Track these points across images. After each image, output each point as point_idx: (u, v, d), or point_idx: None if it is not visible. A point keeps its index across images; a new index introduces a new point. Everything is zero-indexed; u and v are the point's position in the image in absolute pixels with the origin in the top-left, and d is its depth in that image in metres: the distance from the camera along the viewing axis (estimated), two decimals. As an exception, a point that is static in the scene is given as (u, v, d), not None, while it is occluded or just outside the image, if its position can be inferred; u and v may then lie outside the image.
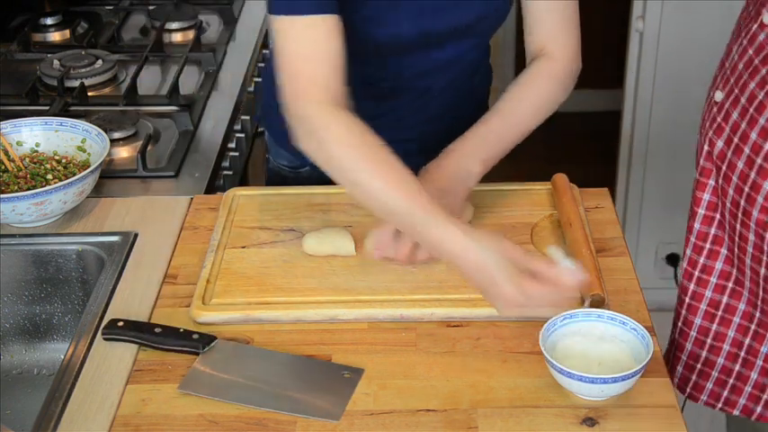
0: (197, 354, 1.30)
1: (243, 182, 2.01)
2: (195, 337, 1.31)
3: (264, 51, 2.37)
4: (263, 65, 2.23)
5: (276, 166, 1.78)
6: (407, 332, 1.34)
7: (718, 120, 1.34)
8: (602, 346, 1.26)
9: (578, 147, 3.72)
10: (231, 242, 1.50)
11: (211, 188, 1.75)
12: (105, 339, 1.34)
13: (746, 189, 1.30)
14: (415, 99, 1.63)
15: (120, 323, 1.34)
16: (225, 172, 1.92)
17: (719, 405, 1.46)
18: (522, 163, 1.71)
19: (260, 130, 2.20)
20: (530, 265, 1.22)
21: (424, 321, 1.36)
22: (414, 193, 1.29)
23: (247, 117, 2.09)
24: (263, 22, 2.34)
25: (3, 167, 1.63)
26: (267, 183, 1.83)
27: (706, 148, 1.37)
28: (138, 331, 1.33)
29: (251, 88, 2.17)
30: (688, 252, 1.43)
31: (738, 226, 1.33)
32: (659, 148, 2.83)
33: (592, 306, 1.33)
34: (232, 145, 1.98)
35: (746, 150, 1.29)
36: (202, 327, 1.35)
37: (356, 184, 1.33)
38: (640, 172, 2.89)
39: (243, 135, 2.04)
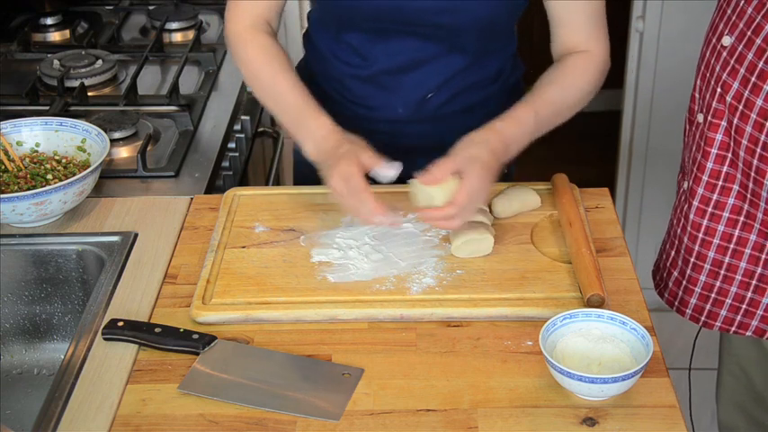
0: (197, 354, 1.30)
1: (243, 182, 2.01)
2: (195, 337, 1.31)
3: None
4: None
5: (297, 148, 1.80)
6: (407, 332, 1.34)
7: (732, 62, 1.41)
8: (602, 346, 1.26)
9: (578, 147, 3.71)
10: (231, 242, 1.50)
11: (211, 188, 1.75)
12: (105, 339, 1.34)
13: (767, 124, 1.37)
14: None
15: (120, 323, 1.34)
16: (225, 172, 1.92)
17: (733, 329, 1.54)
18: (522, 163, 1.71)
19: (260, 129, 2.20)
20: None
21: (424, 321, 1.36)
22: (301, 91, 1.55)
23: (247, 117, 2.09)
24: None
25: (3, 167, 1.63)
26: (294, 168, 1.86)
27: (719, 90, 1.43)
28: (138, 331, 1.33)
29: (251, 88, 2.17)
30: (700, 191, 1.50)
31: (756, 160, 1.40)
32: (659, 147, 2.83)
33: (592, 306, 1.33)
34: (232, 145, 1.98)
35: (766, 87, 1.36)
36: (202, 327, 1.35)
37: (258, 79, 1.61)
38: (640, 172, 2.89)
39: (243, 135, 2.04)
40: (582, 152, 3.64)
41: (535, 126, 1.51)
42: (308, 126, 1.52)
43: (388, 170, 1.42)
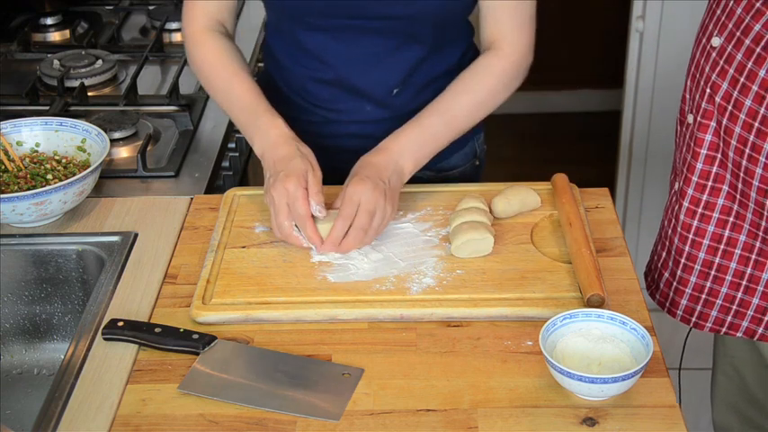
0: (197, 354, 1.30)
1: (243, 182, 2.01)
2: (195, 337, 1.31)
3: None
4: (262, 65, 2.23)
5: None
6: (407, 332, 1.34)
7: (721, 63, 1.41)
8: (602, 346, 1.26)
9: (578, 147, 3.72)
10: (231, 242, 1.50)
11: (211, 188, 1.75)
12: (105, 339, 1.34)
13: (756, 124, 1.37)
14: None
15: (120, 323, 1.34)
16: (225, 172, 1.92)
17: (724, 330, 1.53)
18: (522, 163, 1.72)
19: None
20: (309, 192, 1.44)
21: (424, 321, 1.36)
22: (255, 92, 1.57)
23: (247, 117, 2.09)
24: (262, 23, 2.35)
25: (3, 167, 1.63)
26: None
27: (708, 91, 1.43)
28: (138, 331, 1.33)
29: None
30: (690, 191, 1.49)
31: (745, 161, 1.40)
32: (659, 147, 2.83)
33: (592, 306, 1.33)
34: (232, 145, 1.98)
35: (755, 88, 1.36)
36: (202, 327, 1.35)
37: (212, 81, 1.62)
38: (640, 172, 2.89)
39: (243, 135, 2.04)
40: (582, 152, 3.64)
41: (426, 133, 1.53)
42: (260, 125, 1.54)
43: (317, 213, 1.44)
